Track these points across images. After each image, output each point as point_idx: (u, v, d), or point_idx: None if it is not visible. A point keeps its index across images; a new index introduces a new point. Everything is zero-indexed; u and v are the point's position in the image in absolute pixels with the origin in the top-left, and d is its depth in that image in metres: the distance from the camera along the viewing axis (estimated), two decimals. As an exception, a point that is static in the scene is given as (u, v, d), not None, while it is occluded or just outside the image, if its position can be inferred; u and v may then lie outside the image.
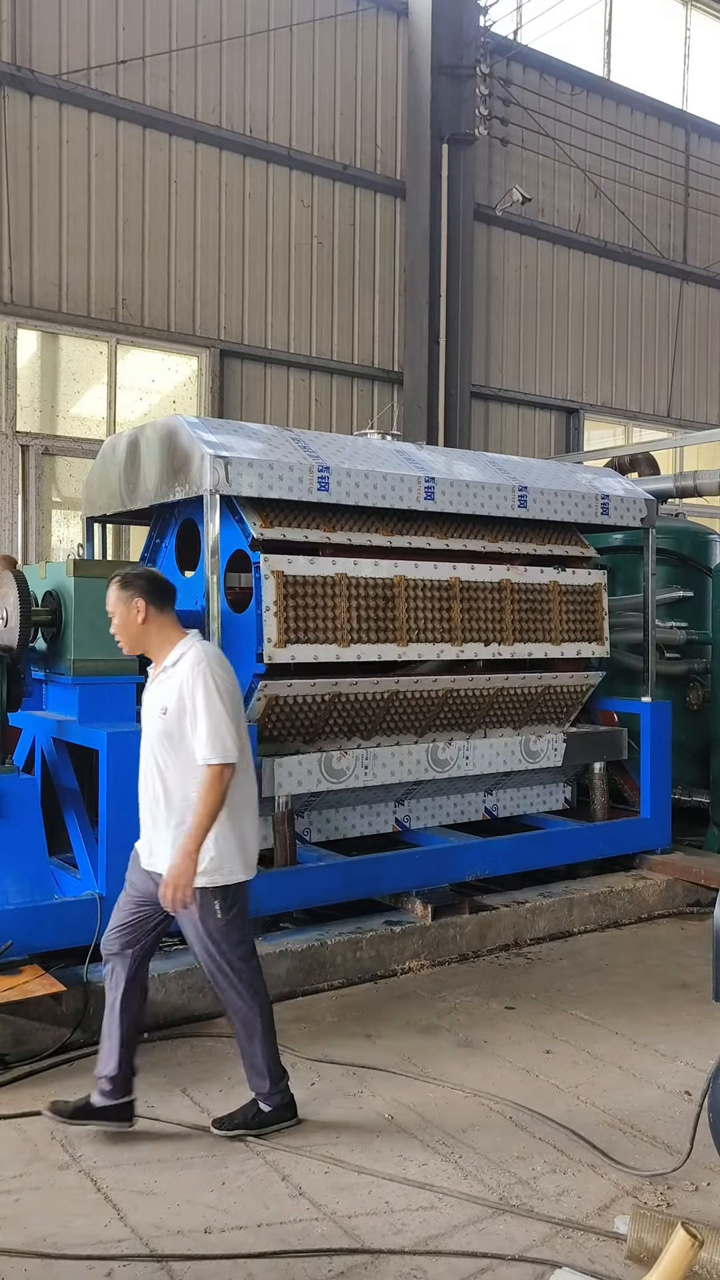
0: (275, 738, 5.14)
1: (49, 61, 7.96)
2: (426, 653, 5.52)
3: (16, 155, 7.90)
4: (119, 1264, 2.63)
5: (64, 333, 8.36)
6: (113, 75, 8.23)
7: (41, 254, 8.06)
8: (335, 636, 5.20)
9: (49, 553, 8.34)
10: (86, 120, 8.20)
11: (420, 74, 9.85)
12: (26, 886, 4.31)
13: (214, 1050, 4.02)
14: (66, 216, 8.16)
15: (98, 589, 4.77)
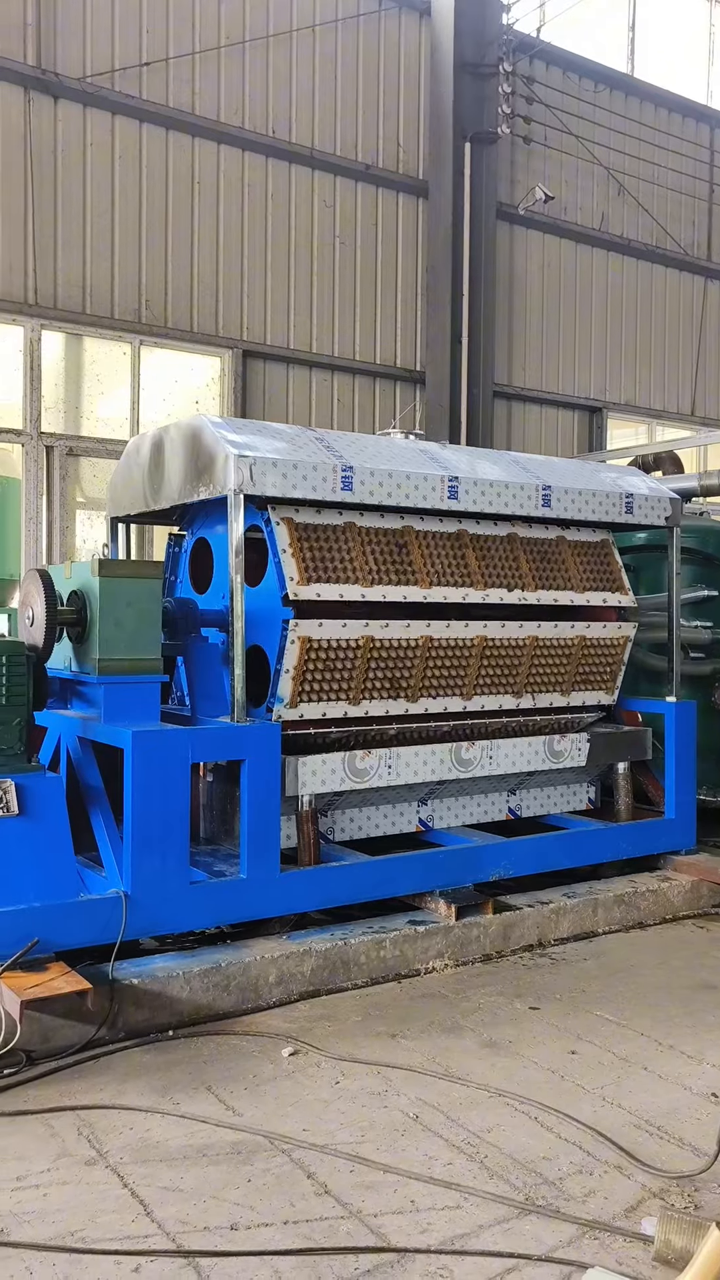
0: (318, 693, 5.09)
1: (73, 64, 8.01)
2: (451, 595, 5.47)
3: (41, 158, 7.95)
4: (146, 1259, 2.65)
5: (88, 334, 8.41)
6: (136, 77, 8.28)
7: (66, 256, 8.11)
8: (356, 577, 5.19)
9: (73, 553, 8.39)
10: (110, 122, 8.24)
11: (443, 73, 9.85)
12: (52, 884, 4.34)
13: (239, 1048, 4.03)
14: (90, 218, 8.20)
15: (123, 588, 4.81)
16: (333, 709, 5.16)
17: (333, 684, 5.15)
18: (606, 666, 6.20)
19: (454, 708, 5.59)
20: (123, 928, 4.34)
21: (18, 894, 4.22)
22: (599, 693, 6.19)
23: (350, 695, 5.22)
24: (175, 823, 4.56)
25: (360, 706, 5.26)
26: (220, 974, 4.38)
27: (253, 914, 4.80)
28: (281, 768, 4.90)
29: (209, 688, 5.37)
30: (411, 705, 5.43)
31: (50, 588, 4.82)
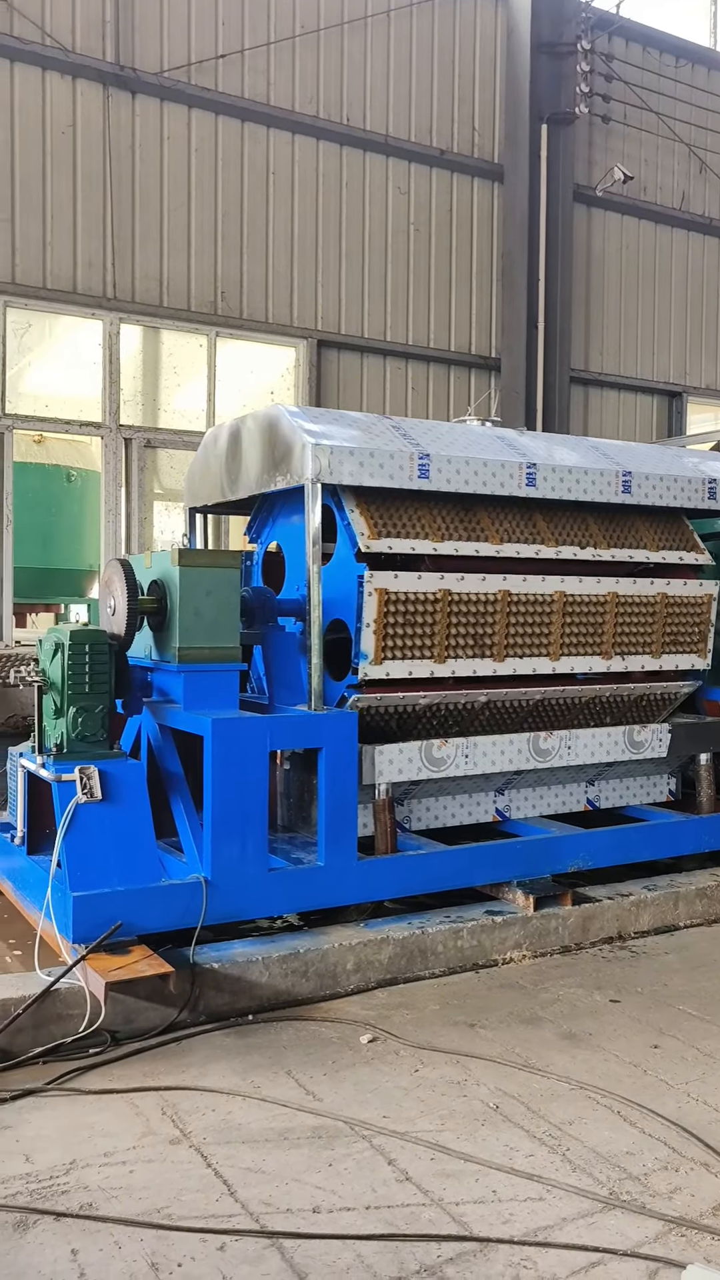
0: (402, 649, 5.08)
1: (150, 60, 8.09)
2: (523, 550, 5.45)
3: (119, 154, 8.05)
4: (231, 1238, 2.68)
5: (165, 327, 8.51)
6: (212, 70, 8.33)
7: (143, 250, 8.21)
8: (426, 534, 5.20)
9: (151, 544, 8.51)
10: (187, 116, 8.31)
11: (519, 54, 9.71)
12: (134, 869, 4.41)
13: (318, 1034, 4.06)
14: (167, 212, 8.29)
15: (202, 578, 4.86)
16: (419, 668, 5.12)
17: (415, 640, 5.12)
18: (694, 627, 6.06)
19: (542, 669, 5.52)
20: (203, 913, 4.40)
21: (101, 878, 4.31)
22: (691, 655, 6.06)
23: (435, 653, 5.18)
24: (254, 809, 4.61)
25: (446, 665, 5.21)
26: (299, 960, 4.41)
27: (330, 901, 4.82)
28: (359, 756, 4.91)
29: (286, 676, 5.40)
30: (499, 665, 5.36)
31: (131, 577, 4.90)
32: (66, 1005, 3.95)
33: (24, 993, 3.90)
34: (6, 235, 7.63)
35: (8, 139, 7.60)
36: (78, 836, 4.35)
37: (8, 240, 7.64)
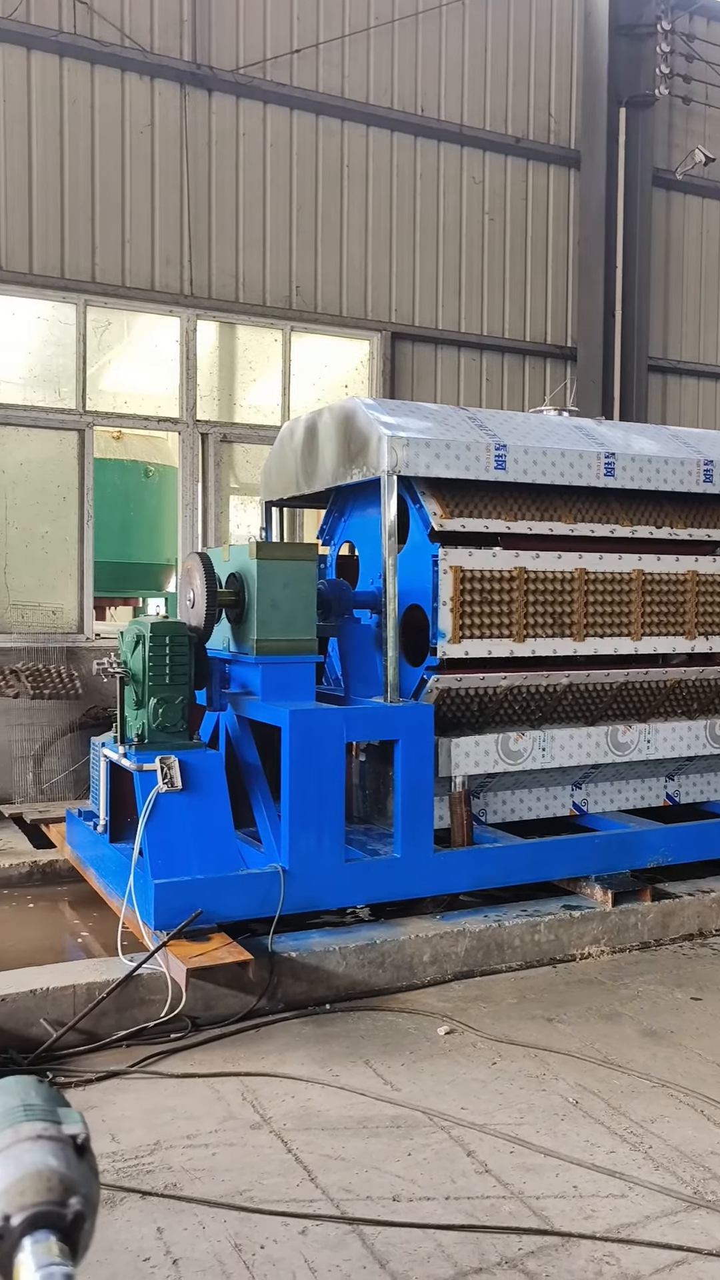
0: (480, 628, 5.06)
1: (226, 57, 8.15)
2: (598, 530, 5.39)
3: (196, 152, 8.14)
4: (312, 1223, 2.71)
5: (240, 322, 8.57)
6: (287, 65, 8.35)
7: (219, 247, 8.28)
8: (498, 514, 5.19)
9: (226, 537, 8.60)
10: (262, 112, 8.35)
11: (597, 37, 9.55)
12: (214, 858, 4.48)
13: (395, 1024, 4.07)
14: (242, 208, 8.35)
15: (279, 570, 4.91)
16: (498, 646, 5.09)
17: (493, 619, 5.09)
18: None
19: (624, 649, 5.44)
20: (281, 902, 4.45)
21: (182, 866, 4.38)
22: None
23: (513, 632, 5.14)
24: (331, 800, 4.63)
25: (526, 645, 5.17)
26: (375, 951, 4.43)
27: (406, 893, 4.83)
28: (435, 748, 4.90)
29: (362, 669, 5.42)
30: (579, 645, 5.31)
31: (210, 570, 4.96)
32: (149, 990, 4.03)
33: (107, 977, 3.99)
34: (87, 235, 7.77)
35: (88, 141, 7.73)
36: (159, 825, 4.43)
37: (88, 240, 7.78)
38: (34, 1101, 1.18)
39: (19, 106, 7.54)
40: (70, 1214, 1.08)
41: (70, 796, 7.44)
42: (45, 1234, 1.05)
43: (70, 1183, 1.10)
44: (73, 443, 7.95)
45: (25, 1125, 1.13)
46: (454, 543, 5.04)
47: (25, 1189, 1.07)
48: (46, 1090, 1.23)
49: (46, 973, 4.05)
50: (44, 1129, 1.14)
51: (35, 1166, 1.09)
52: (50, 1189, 1.08)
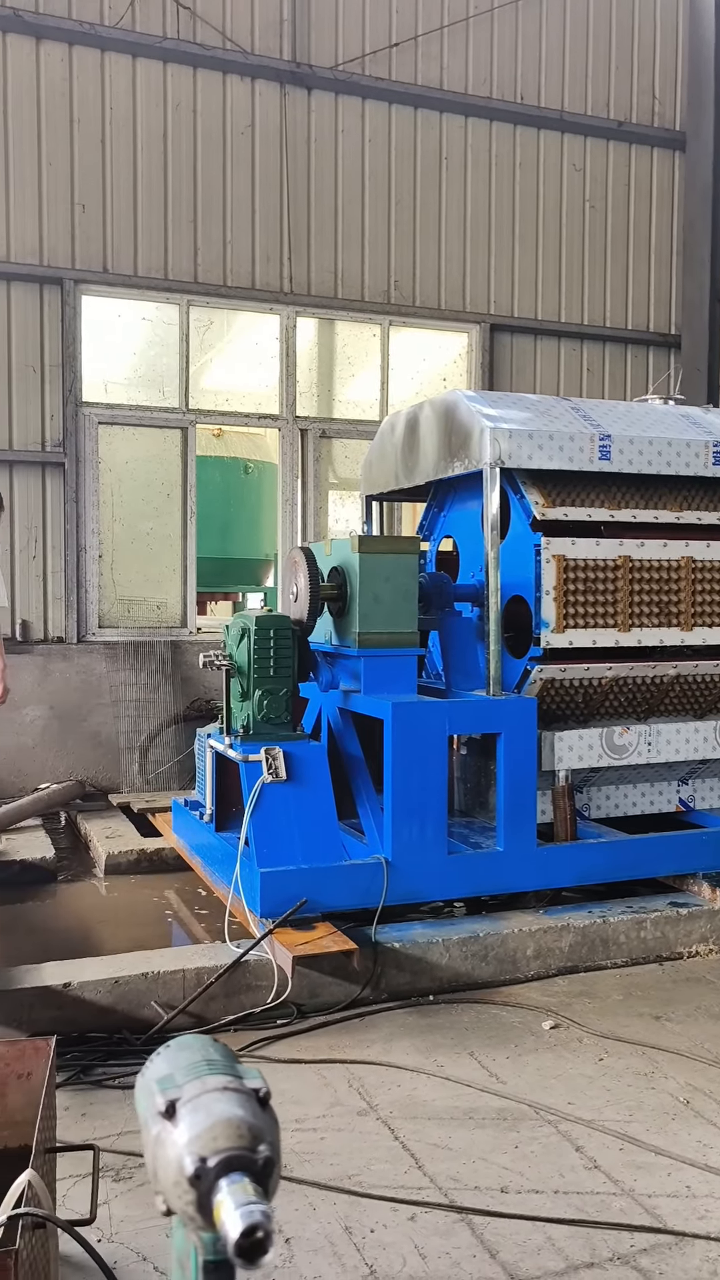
0: (584, 617, 5.02)
1: (325, 54, 8.20)
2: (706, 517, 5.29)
3: (295, 150, 8.21)
4: (421, 1210, 2.73)
5: (339, 318, 8.63)
6: (385, 60, 8.36)
7: (318, 243, 8.34)
8: (601, 502, 5.13)
9: (326, 532, 8.67)
10: (360, 108, 8.38)
11: (704, 15, 9.31)
12: (317, 848, 4.54)
13: (498, 1018, 4.07)
14: (341, 205, 8.39)
15: (381, 564, 4.93)
16: (602, 636, 5.02)
17: (598, 608, 5.02)
18: None
19: None
20: (384, 893, 4.48)
21: (287, 855, 4.45)
22: None
23: (618, 621, 5.07)
24: (434, 793, 4.65)
25: (631, 634, 5.09)
26: (478, 944, 4.43)
27: (509, 887, 4.81)
28: (538, 742, 4.87)
29: (463, 662, 5.41)
30: (686, 635, 5.20)
31: (313, 564, 5.02)
32: (255, 977, 4.10)
33: (216, 962, 4.08)
34: (189, 236, 7.92)
35: (191, 144, 7.88)
36: (264, 815, 4.51)
37: (190, 241, 7.93)
38: (214, 1057, 1.23)
39: (124, 112, 7.72)
40: (260, 1159, 1.13)
41: (174, 786, 7.62)
42: (239, 1176, 1.11)
43: (258, 1131, 1.16)
44: (176, 441, 8.12)
45: (211, 1078, 1.20)
46: (556, 532, 5.00)
47: (218, 1135, 1.13)
48: (223, 1048, 1.29)
49: (157, 956, 4.16)
50: (229, 1081, 1.20)
51: (225, 1115, 1.15)
52: (240, 1135, 1.14)
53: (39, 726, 7.46)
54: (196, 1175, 1.11)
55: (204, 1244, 1.15)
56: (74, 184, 7.62)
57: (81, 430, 7.74)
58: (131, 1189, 2.86)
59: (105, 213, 7.71)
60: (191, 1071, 1.21)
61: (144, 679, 7.82)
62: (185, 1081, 1.21)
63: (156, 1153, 1.19)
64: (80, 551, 7.76)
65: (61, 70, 7.55)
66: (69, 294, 7.62)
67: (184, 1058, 1.26)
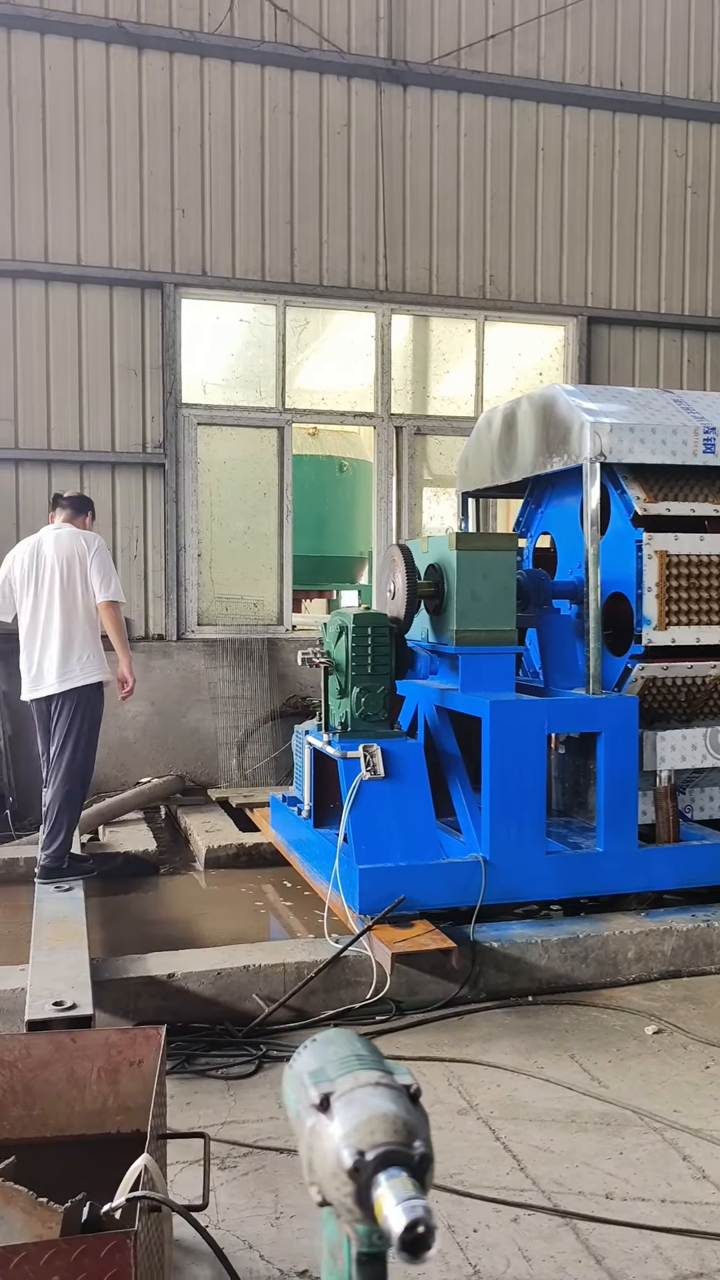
0: (687, 614, 4.91)
1: (421, 50, 8.18)
2: None
3: (391, 147, 8.22)
4: (524, 1212, 2.71)
5: (434, 314, 8.60)
6: (482, 52, 8.30)
7: (413, 240, 8.33)
8: (705, 496, 5.02)
9: (420, 529, 8.66)
10: (456, 102, 8.34)
11: None
12: (415, 845, 4.54)
13: (599, 1020, 4.01)
14: (436, 200, 8.37)
15: (479, 561, 4.90)
16: (707, 634, 4.90)
17: (702, 604, 4.90)
18: None
19: None
20: (482, 892, 4.46)
21: (385, 852, 4.47)
22: None
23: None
24: (532, 792, 4.61)
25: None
26: (578, 945, 4.38)
27: (609, 888, 4.74)
28: (639, 741, 4.78)
29: (561, 660, 5.35)
30: None
31: (411, 562, 5.02)
32: (354, 972, 4.13)
33: (315, 957, 4.12)
34: (286, 237, 7.99)
35: (287, 146, 7.95)
36: (362, 812, 4.53)
37: (287, 242, 8.00)
38: (363, 1052, 1.25)
39: (222, 117, 7.84)
40: (417, 1155, 1.15)
41: (271, 782, 7.71)
42: (397, 1171, 1.12)
43: (413, 1127, 1.17)
44: (272, 440, 8.21)
45: (362, 1073, 1.22)
46: (658, 528, 4.90)
47: (374, 1129, 1.15)
48: (369, 1044, 1.31)
49: (259, 950, 4.22)
50: (380, 1077, 1.22)
51: (380, 1109, 1.17)
52: (396, 1131, 1.16)
53: (140, 722, 7.64)
54: (355, 1168, 1.13)
55: (359, 1236, 1.17)
56: (174, 189, 7.76)
57: (181, 431, 7.89)
58: (235, 1178, 2.92)
59: (204, 216, 7.84)
60: (343, 1066, 1.23)
61: (241, 676, 7.93)
62: (337, 1075, 1.23)
63: (312, 1144, 1.21)
64: (180, 551, 7.91)
65: (162, 79, 7.70)
66: (169, 297, 7.77)
67: (332, 1052, 1.28)
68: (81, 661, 5.25)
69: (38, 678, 5.29)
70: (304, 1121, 1.23)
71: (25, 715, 6.05)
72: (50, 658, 5.25)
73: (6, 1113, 2.36)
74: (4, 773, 7.22)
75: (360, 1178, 1.13)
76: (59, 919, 4.48)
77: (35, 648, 5.30)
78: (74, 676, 5.23)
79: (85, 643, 5.27)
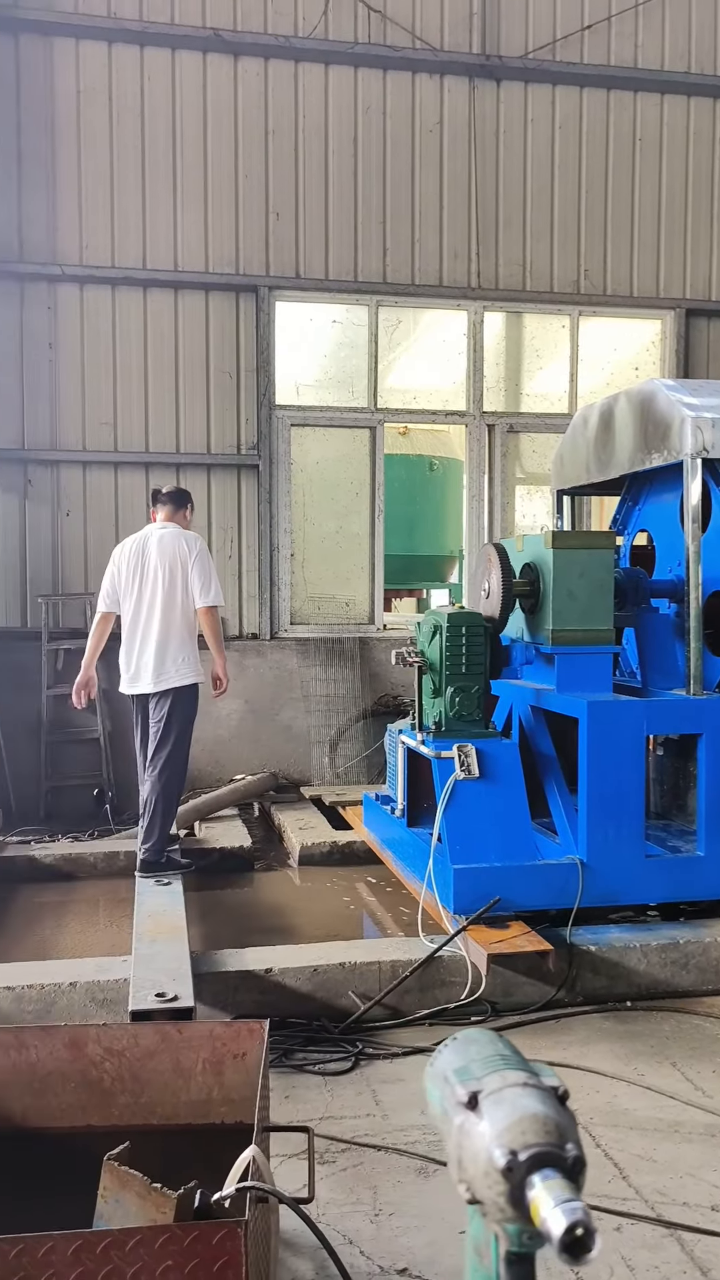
0: None
1: (515, 44, 8.11)
2: None
3: (484, 144, 8.17)
4: (627, 1221, 2.67)
5: (527, 311, 8.52)
6: (577, 43, 8.19)
7: (507, 236, 8.27)
8: None
9: (513, 528, 8.59)
10: (551, 95, 8.25)
11: None
12: (510, 846, 4.51)
13: (701, 1029, 3.92)
14: (530, 196, 8.29)
15: (575, 559, 4.84)
16: None
17: None
18: None
19: None
20: (579, 894, 4.40)
21: (480, 853, 4.44)
22: None
23: None
24: (630, 794, 4.53)
25: None
26: (678, 951, 4.29)
27: (711, 893, 4.64)
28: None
29: (660, 660, 5.25)
30: None
31: (506, 561, 4.98)
32: (449, 972, 4.12)
33: (410, 956, 4.13)
34: (378, 237, 8.01)
35: (380, 145, 7.97)
36: (457, 812, 4.51)
37: (379, 242, 8.02)
38: (506, 1052, 1.25)
39: (316, 120, 7.89)
40: (570, 1157, 1.15)
41: (362, 780, 7.74)
42: (552, 1172, 1.13)
43: (564, 1129, 1.17)
44: (364, 440, 8.24)
45: (509, 1072, 1.22)
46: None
47: (525, 1129, 1.15)
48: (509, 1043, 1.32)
49: (355, 947, 4.25)
50: (527, 1077, 1.22)
51: (530, 1110, 1.17)
52: (548, 1132, 1.16)
53: (234, 720, 7.75)
54: (508, 1168, 1.14)
55: (509, 1235, 1.18)
56: (268, 193, 7.85)
57: (275, 432, 7.97)
58: (334, 1173, 2.94)
59: (298, 219, 7.91)
60: (488, 1065, 1.23)
61: (333, 674, 7.98)
62: (483, 1074, 1.24)
63: (461, 1142, 1.22)
64: (273, 551, 8.00)
65: (258, 84, 7.79)
66: (263, 300, 7.87)
67: (475, 1050, 1.29)
68: (176, 663, 5.38)
69: (135, 675, 5.44)
70: (451, 1119, 1.24)
71: (125, 713, 6.21)
72: (147, 658, 5.38)
73: (115, 1100, 2.42)
74: (104, 768, 7.41)
75: (513, 1178, 1.13)
76: (159, 912, 4.58)
77: (135, 646, 5.44)
78: (169, 678, 5.36)
79: (181, 645, 5.40)
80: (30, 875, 5.96)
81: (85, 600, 7.53)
